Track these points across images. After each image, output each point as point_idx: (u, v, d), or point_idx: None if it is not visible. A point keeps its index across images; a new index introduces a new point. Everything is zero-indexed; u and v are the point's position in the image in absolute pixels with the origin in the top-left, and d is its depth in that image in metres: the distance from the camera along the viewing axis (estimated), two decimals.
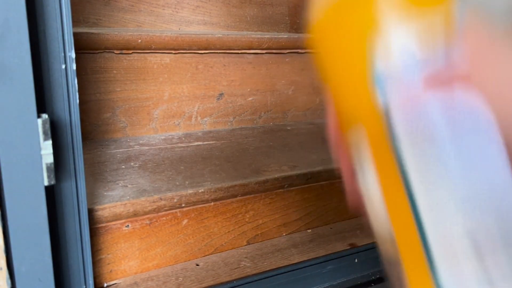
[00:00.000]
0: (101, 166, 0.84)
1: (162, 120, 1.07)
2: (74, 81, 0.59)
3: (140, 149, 0.95)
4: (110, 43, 0.97)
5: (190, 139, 1.04)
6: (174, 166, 0.84)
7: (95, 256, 0.70)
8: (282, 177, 0.81)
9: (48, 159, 0.57)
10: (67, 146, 0.60)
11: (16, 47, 0.52)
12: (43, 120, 0.56)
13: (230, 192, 0.77)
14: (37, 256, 0.59)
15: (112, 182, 0.76)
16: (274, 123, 1.21)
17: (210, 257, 0.79)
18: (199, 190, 0.74)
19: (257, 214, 0.82)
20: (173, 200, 0.72)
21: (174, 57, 1.06)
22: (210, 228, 0.78)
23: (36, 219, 0.58)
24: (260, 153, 0.94)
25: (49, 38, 0.57)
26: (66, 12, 0.56)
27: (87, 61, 0.97)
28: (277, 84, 1.20)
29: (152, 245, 0.74)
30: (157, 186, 0.75)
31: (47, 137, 0.56)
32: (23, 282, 0.59)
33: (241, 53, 1.14)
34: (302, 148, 1.00)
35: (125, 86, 1.02)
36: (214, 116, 1.14)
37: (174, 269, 0.75)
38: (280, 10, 1.52)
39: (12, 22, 0.51)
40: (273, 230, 0.85)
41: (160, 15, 1.33)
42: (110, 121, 1.02)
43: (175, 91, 1.08)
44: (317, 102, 1.27)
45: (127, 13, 1.28)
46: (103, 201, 0.69)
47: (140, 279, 0.73)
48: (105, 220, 0.69)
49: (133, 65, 1.02)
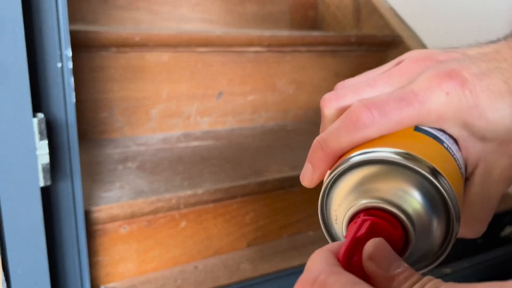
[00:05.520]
0: (98, 166, 0.83)
1: (161, 119, 1.06)
2: (70, 80, 0.58)
3: (137, 149, 0.94)
4: (107, 41, 0.96)
5: (189, 139, 1.03)
6: (172, 167, 0.83)
7: (91, 258, 0.69)
8: (283, 178, 0.80)
9: (43, 160, 0.56)
10: (63, 146, 0.59)
11: (12, 45, 0.52)
12: (39, 119, 0.55)
13: (229, 193, 0.76)
14: (33, 259, 0.59)
15: (109, 183, 0.75)
16: (275, 122, 1.20)
17: (209, 260, 0.78)
18: (198, 191, 0.73)
19: (257, 215, 0.81)
20: (171, 201, 0.71)
21: (172, 56, 1.05)
22: (210, 230, 0.77)
23: (32, 221, 0.58)
24: (260, 153, 0.93)
25: (45, 36, 0.56)
26: (63, 10, 0.56)
27: (84, 59, 0.96)
28: (278, 83, 1.19)
29: (150, 247, 0.73)
30: (155, 187, 0.74)
31: (42, 137, 0.56)
32: (19, 284, 0.59)
33: (241, 51, 1.13)
34: (303, 148, 0.99)
35: (122, 85, 1.01)
36: (213, 116, 1.13)
37: (173, 271, 0.74)
38: (281, 8, 1.51)
39: (7, 20, 0.51)
40: (273, 232, 0.84)
41: (158, 12, 1.32)
42: (107, 120, 1.01)
43: (173, 90, 1.07)
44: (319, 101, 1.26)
45: (125, 11, 1.27)
46: (100, 202, 0.68)
47: (138, 282, 0.72)
48: (102, 221, 0.68)
49: (131, 63, 1.01)
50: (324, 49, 1.23)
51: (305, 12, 1.55)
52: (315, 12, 1.57)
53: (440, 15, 1.26)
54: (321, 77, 1.25)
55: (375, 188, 0.26)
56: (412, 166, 0.25)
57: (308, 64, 1.22)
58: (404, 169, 0.26)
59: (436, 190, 0.25)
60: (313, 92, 1.25)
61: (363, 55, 1.31)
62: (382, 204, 0.25)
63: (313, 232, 0.87)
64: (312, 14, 1.57)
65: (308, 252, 0.80)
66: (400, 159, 0.25)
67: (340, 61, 1.27)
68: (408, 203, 0.25)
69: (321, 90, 1.26)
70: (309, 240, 0.84)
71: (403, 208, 0.25)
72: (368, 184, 0.26)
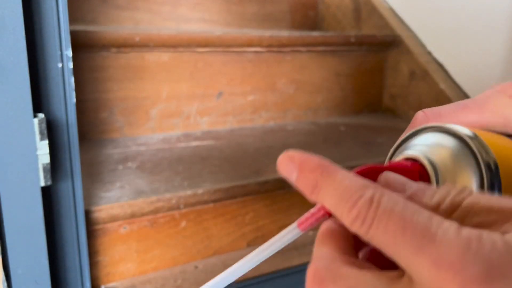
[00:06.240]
0: (98, 166, 0.83)
1: (160, 119, 1.06)
2: (70, 80, 0.58)
3: (138, 149, 0.94)
4: (107, 41, 0.96)
5: (188, 139, 1.03)
6: (172, 167, 0.83)
7: (92, 258, 0.69)
8: (283, 178, 0.80)
9: (44, 160, 0.56)
10: (64, 146, 0.59)
11: (12, 46, 0.52)
12: (40, 119, 0.55)
13: (229, 193, 0.76)
14: (34, 258, 0.59)
15: (109, 183, 0.75)
16: (275, 122, 1.20)
17: (209, 259, 0.78)
18: (198, 191, 0.73)
19: (257, 215, 0.81)
20: (171, 201, 0.71)
21: (172, 56, 1.05)
22: (209, 229, 0.77)
23: (32, 221, 0.58)
24: (260, 153, 0.93)
25: (45, 36, 0.56)
26: (63, 10, 0.56)
27: (84, 59, 0.96)
28: (278, 83, 1.19)
29: (150, 247, 0.73)
30: (155, 187, 0.73)
31: (43, 137, 0.56)
32: (20, 284, 0.59)
33: (241, 52, 1.13)
34: (303, 148, 0.99)
35: (122, 85, 1.01)
36: (213, 116, 1.13)
37: (173, 271, 0.74)
38: (281, 8, 1.50)
39: (8, 20, 0.51)
40: (273, 232, 0.83)
41: (158, 12, 1.32)
42: (107, 120, 1.00)
43: (173, 90, 1.07)
44: (319, 101, 1.26)
45: (125, 11, 1.27)
46: (100, 202, 0.68)
47: (138, 282, 0.72)
48: (102, 221, 0.68)
49: (131, 63, 1.01)
50: (324, 49, 1.23)
51: (305, 12, 1.55)
52: (315, 12, 1.57)
53: (440, 15, 1.26)
54: (321, 77, 1.25)
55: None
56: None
57: (308, 64, 1.22)
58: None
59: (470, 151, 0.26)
60: (313, 92, 1.24)
61: (363, 55, 1.31)
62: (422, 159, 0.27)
63: (312, 232, 0.87)
64: (312, 14, 1.57)
65: (308, 252, 0.80)
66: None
67: (340, 61, 1.27)
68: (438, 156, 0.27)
69: (321, 90, 1.26)
70: (309, 240, 0.84)
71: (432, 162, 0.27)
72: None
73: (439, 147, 0.27)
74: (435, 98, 1.22)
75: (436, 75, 1.23)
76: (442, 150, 0.27)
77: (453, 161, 0.26)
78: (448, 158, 0.27)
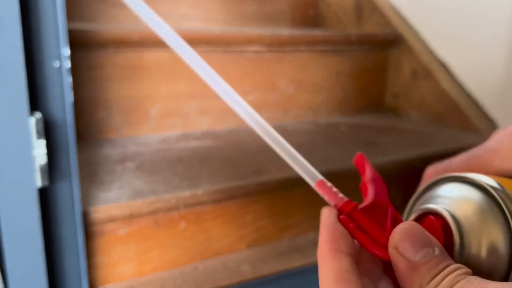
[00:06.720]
0: (96, 167, 0.82)
1: (159, 119, 1.05)
2: (68, 79, 0.57)
3: (136, 149, 0.93)
4: (105, 40, 0.95)
5: (188, 139, 1.02)
6: (171, 167, 0.83)
7: (90, 259, 0.68)
8: (283, 178, 0.80)
9: (41, 160, 0.56)
10: (61, 146, 0.59)
11: (9, 44, 0.51)
12: (36, 119, 0.54)
13: (229, 194, 0.75)
14: (31, 260, 0.59)
15: (108, 183, 0.74)
16: (275, 122, 1.19)
17: (209, 261, 0.77)
18: (197, 191, 0.72)
19: (257, 216, 0.80)
20: (170, 202, 0.71)
21: (171, 55, 1.04)
22: (209, 230, 0.77)
23: (29, 222, 0.57)
24: (260, 154, 0.93)
25: (42, 34, 0.55)
26: (61, 8, 0.55)
27: (82, 58, 0.95)
28: (278, 82, 1.18)
29: (149, 248, 0.73)
30: (154, 187, 0.73)
31: (40, 136, 0.55)
32: (17, 286, 0.58)
33: (240, 51, 1.12)
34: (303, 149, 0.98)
35: (120, 84, 1.00)
36: (213, 115, 1.12)
37: (172, 273, 0.74)
38: (281, 6, 1.50)
39: (4, 18, 0.50)
40: (274, 233, 0.83)
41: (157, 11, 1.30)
42: (105, 120, 1.00)
43: (172, 89, 1.06)
44: (319, 101, 1.25)
45: (122, 9, 1.26)
46: (98, 203, 0.67)
47: (136, 283, 0.71)
48: (100, 222, 0.68)
49: (129, 62, 1.00)
50: (325, 48, 1.22)
51: (306, 11, 1.55)
52: (316, 10, 1.56)
53: (442, 13, 1.25)
54: (322, 76, 1.24)
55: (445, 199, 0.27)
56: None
57: (308, 64, 1.21)
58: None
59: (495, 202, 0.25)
60: (313, 91, 1.24)
61: (364, 54, 1.30)
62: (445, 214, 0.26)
63: (314, 233, 0.86)
64: (312, 13, 1.56)
65: (310, 254, 0.80)
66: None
67: (342, 60, 1.26)
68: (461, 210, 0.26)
69: (322, 89, 1.25)
70: (311, 241, 0.84)
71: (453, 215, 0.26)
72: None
73: (462, 199, 0.25)
74: (437, 98, 1.21)
75: (438, 74, 1.22)
76: (466, 204, 0.25)
77: (478, 215, 0.25)
78: (472, 212, 0.25)
